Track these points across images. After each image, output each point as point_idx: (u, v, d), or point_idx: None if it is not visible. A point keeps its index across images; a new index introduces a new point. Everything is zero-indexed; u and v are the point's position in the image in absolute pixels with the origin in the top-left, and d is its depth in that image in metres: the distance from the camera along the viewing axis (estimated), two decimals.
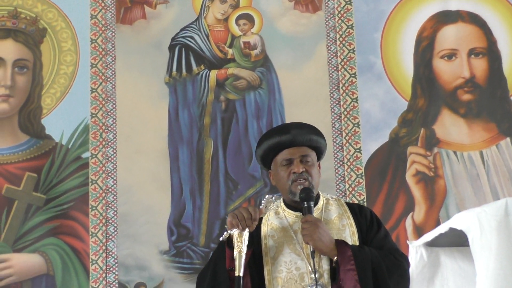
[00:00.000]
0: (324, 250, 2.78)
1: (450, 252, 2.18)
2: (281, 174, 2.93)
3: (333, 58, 5.06)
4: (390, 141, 4.98)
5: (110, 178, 4.97)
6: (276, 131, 3.02)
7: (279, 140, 2.95)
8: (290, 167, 2.91)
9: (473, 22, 5.08)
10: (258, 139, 4.79)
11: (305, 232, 2.78)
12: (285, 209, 3.00)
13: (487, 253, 1.80)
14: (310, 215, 2.82)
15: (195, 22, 5.23)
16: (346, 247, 2.78)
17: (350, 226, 2.92)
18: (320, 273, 2.80)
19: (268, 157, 2.99)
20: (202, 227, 4.91)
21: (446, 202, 4.85)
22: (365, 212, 2.99)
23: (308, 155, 2.94)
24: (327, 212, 2.97)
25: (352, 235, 2.89)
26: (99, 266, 4.84)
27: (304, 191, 2.86)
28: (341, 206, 3.00)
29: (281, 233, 2.92)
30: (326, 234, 2.79)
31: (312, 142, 2.98)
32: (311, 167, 2.93)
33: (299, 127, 3.00)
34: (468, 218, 1.83)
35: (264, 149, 2.99)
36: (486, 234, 1.81)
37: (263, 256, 2.87)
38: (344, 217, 2.95)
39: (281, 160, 2.94)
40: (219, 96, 5.09)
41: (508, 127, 4.95)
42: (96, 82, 5.13)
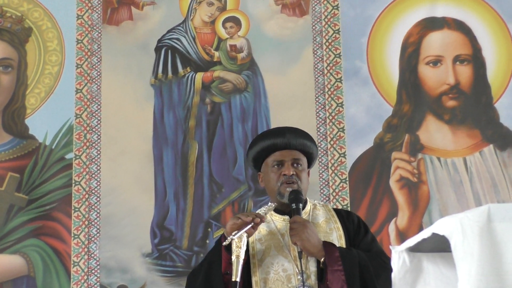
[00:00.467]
0: (311, 250, 2.80)
1: (432, 257, 2.17)
2: (271, 175, 2.95)
3: (319, 62, 5.07)
4: (375, 146, 4.99)
5: (94, 180, 4.95)
6: (270, 133, 3.04)
7: (273, 142, 2.97)
8: (281, 169, 2.93)
9: (459, 29, 5.10)
10: (244, 141, 4.78)
11: (293, 232, 2.79)
12: (273, 214, 3.00)
13: (469, 258, 1.80)
14: (298, 216, 2.83)
15: (182, 24, 5.22)
16: (333, 248, 2.80)
17: (337, 230, 2.94)
18: (307, 274, 2.81)
19: (260, 158, 3.01)
20: (186, 230, 4.90)
21: (429, 208, 4.86)
22: (352, 217, 3.01)
23: (300, 159, 2.96)
24: (314, 216, 2.98)
25: (339, 238, 2.91)
26: (80, 268, 4.81)
27: (293, 193, 2.88)
28: (328, 211, 3.02)
29: (268, 237, 2.93)
30: (314, 234, 2.81)
31: (305, 147, 3.00)
32: (301, 171, 2.95)
33: (294, 131, 3.03)
34: (450, 223, 1.83)
35: (258, 150, 3.01)
36: (468, 239, 1.81)
37: (250, 259, 2.88)
38: (331, 221, 2.97)
39: (272, 161, 2.96)
40: (204, 98, 5.08)
41: (492, 134, 4.98)
42: (81, 83, 5.11)
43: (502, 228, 1.84)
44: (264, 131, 3.13)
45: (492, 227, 1.84)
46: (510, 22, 5.10)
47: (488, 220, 1.84)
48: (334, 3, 5.17)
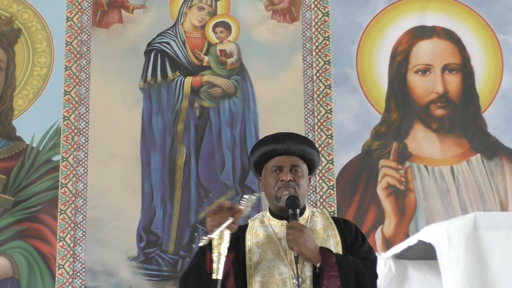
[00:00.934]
0: (308, 255, 2.80)
1: (418, 265, 2.17)
2: (269, 180, 2.97)
3: (309, 68, 5.08)
4: (363, 153, 5.00)
5: (81, 182, 4.93)
6: (271, 138, 3.06)
7: (273, 147, 2.99)
8: (279, 174, 2.95)
9: (448, 38, 5.13)
10: (232, 146, 4.79)
11: (290, 237, 2.80)
12: (271, 218, 3.02)
13: (454, 266, 1.80)
14: (295, 221, 2.84)
15: (172, 28, 5.21)
16: (330, 254, 2.81)
17: (335, 237, 2.95)
18: (302, 278, 2.82)
19: (260, 163, 3.03)
20: (172, 234, 4.89)
21: (416, 216, 4.87)
22: (350, 226, 3.03)
23: (298, 165, 2.97)
24: (312, 222, 3.00)
25: (336, 245, 2.92)
26: (65, 270, 4.79)
27: (291, 198, 2.89)
28: (326, 219, 3.04)
29: (265, 240, 2.94)
30: (311, 240, 2.82)
31: (305, 153, 3.01)
32: (300, 177, 2.96)
33: (294, 138, 3.05)
34: (437, 231, 1.83)
35: (258, 155, 3.03)
36: (454, 247, 1.81)
37: (246, 261, 2.88)
38: (329, 228, 2.98)
39: (271, 166, 2.98)
40: (193, 103, 5.07)
41: (479, 143, 4.99)
42: (70, 85, 5.09)
43: (488, 236, 1.85)
44: (265, 137, 3.12)
45: (478, 235, 1.84)
46: (499, 32, 5.13)
47: (474, 228, 1.84)
48: (325, 10, 5.18)
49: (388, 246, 4.70)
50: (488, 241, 1.84)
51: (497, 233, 1.85)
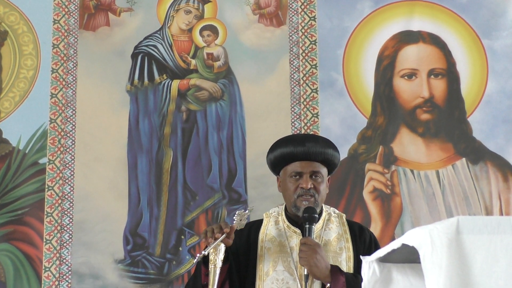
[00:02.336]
0: (318, 276, 2.80)
1: (402, 268, 2.19)
2: (288, 185, 2.93)
3: (296, 72, 5.10)
4: (349, 157, 5.01)
5: (67, 185, 4.92)
6: (291, 140, 3.00)
7: (293, 150, 2.94)
8: (299, 180, 2.91)
9: (434, 43, 5.16)
10: (219, 150, 4.81)
11: (302, 255, 2.78)
12: (285, 221, 2.98)
13: (437, 269, 1.82)
14: (309, 238, 2.81)
15: (159, 32, 5.22)
16: (340, 275, 2.80)
17: (347, 251, 2.93)
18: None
19: (279, 164, 2.98)
20: (159, 237, 4.89)
21: (401, 219, 4.90)
22: (364, 236, 3.00)
23: (319, 171, 2.93)
24: (327, 231, 2.96)
25: (348, 260, 2.91)
26: (52, 273, 4.78)
27: (307, 211, 2.85)
28: (342, 225, 3.00)
29: (277, 248, 2.92)
30: (323, 260, 2.79)
31: (325, 156, 2.96)
32: (320, 184, 2.92)
33: (314, 141, 3.00)
34: (420, 234, 1.84)
35: (276, 156, 2.98)
36: (437, 251, 1.83)
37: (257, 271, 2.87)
38: (343, 239, 2.95)
39: (291, 171, 2.93)
40: (180, 106, 5.08)
41: (464, 147, 5.03)
42: (57, 88, 5.08)
43: (470, 240, 1.86)
44: (285, 137, 3.09)
45: (461, 239, 1.86)
46: (484, 38, 5.17)
47: (457, 232, 1.86)
48: (311, 14, 5.20)
49: None
50: (471, 244, 1.86)
51: (479, 237, 1.86)
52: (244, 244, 2.92)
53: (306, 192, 2.88)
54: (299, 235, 2.89)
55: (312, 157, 2.93)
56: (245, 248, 2.92)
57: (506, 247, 1.85)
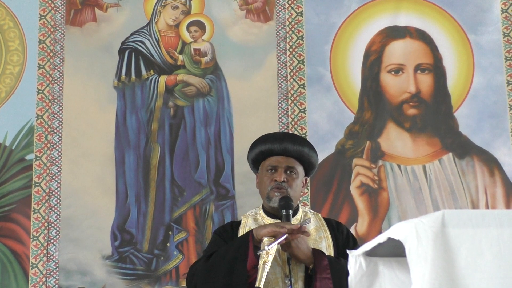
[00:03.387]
0: (301, 257, 2.83)
1: (388, 262, 2.20)
2: (263, 179, 3.00)
3: (283, 68, 5.10)
4: (336, 152, 5.03)
5: (54, 181, 4.91)
6: (269, 137, 3.08)
7: (271, 147, 3.01)
8: (274, 174, 2.96)
9: (421, 38, 5.17)
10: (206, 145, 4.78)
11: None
12: (264, 216, 3.03)
13: (423, 263, 1.83)
14: (288, 223, 2.85)
15: (146, 27, 5.21)
16: (323, 256, 2.84)
17: (327, 239, 2.98)
18: (295, 279, 2.84)
19: (257, 161, 3.04)
20: (146, 233, 4.88)
21: (388, 214, 4.92)
22: (342, 228, 3.07)
23: (294, 167, 2.99)
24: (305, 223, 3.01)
25: (328, 247, 2.95)
26: (39, 270, 4.76)
27: (284, 199, 2.91)
28: (318, 220, 3.07)
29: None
30: (304, 242, 2.84)
31: (302, 154, 3.02)
32: (294, 179, 2.98)
33: (293, 138, 3.09)
34: (405, 228, 1.86)
35: (256, 152, 3.05)
36: (422, 244, 1.84)
37: None
38: (321, 230, 3.01)
39: (267, 165, 3.00)
40: (167, 102, 5.07)
41: (451, 142, 5.05)
42: (43, 84, 5.06)
43: (455, 233, 1.88)
44: (264, 135, 3.15)
45: (446, 232, 1.87)
46: (470, 33, 5.19)
47: (442, 225, 1.87)
48: (299, 9, 5.20)
49: (361, 244, 4.71)
50: (456, 238, 1.87)
51: (464, 231, 1.88)
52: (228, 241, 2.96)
53: (279, 184, 2.93)
54: None
55: (288, 152, 2.99)
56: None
57: (491, 240, 1.87)
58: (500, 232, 1.88)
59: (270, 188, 2.96)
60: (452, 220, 1.88)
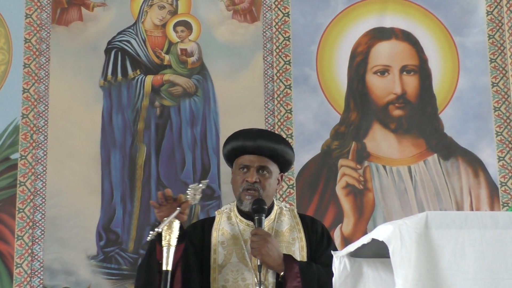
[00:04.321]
0: (271, 265, 2.81)
1: (372, 263, 2.21)
2: (236, 178, 2.98)
3: (269, 68, 5.11)
4: (322, 153, 5.04)
5: (39, 181, 4.89)
6: (243, 134, 3.03)
7: (243, 144, 2.97)
8: (246, 174, 2.94)
9: (406, 40, 5.20)
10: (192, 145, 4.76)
11: (254, 245, 2.80)
12: (237, 216, 3.01)
13: (406, 264, 1.84)
14: (260, 229, 2.84)
15: (132, 27, 5.20)
16: (293, 263, 2.82)
17: (300, 240, 2.95)
18: (265, 285, 2.83)
19: (231, 157, 3.02)
20: (132, 232, 4.88)
21: (374, 215, 4.93)
22: (316, 227, 3.03)
23: (266, 166, 2.96)
24: (279, 223, 2.99)
25: (301, 249, 2.93)
26: (23, 269, 4.75)
27: (257, 202, 2.88)
28: (293, 217, 3.03)
29: (231, 241, 2.93)
30: (275, 249, 2.82)
31: (276, 152, 2.98)
32: (266, 179, 2.95)
33: (265, 136, 3.02)
34: (389, 229, 1.87)
35: (229, 149, 3.02)
36: (406, 245, 1.85)
37: (211, 263, 2.88)
38: (295, 230, 2.98)
39: (239, 164, 2.98)
40: (154, 102, 5.07)
41: (436, 143, 5.07)
42: (29, 83, 5.05)
43: (439, 235, 1.89)
44: (238, 131, 3.11)
45: (429, 233, 1.88)
46: (456, 35, 5.22)
47: (426, 227, 1.89)
48: (285, 10, 5.21)
49: (346, 244, 4.71)
50: (439, 239, 1.88)
51: (447, 232, 1.89)
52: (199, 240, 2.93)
53: (251, 186, 2.91)
54: (251, 228, 2.91)
55: (261, 151, 2.95)
56: (200, 244, 2.93)
57: (474, 241, 1.89)
58: (483, 234, 1.89)
59: (242, 189, 2.93)
60: (435, 221, 1.90)
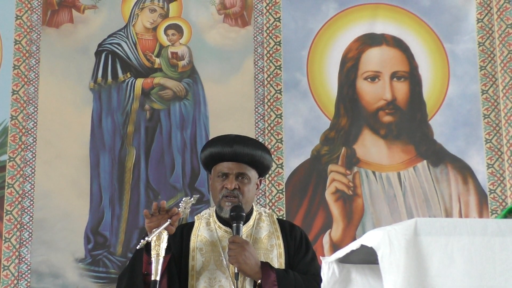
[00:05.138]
0: (248, 272, 2.82)
1: (361, 269, 2.21)
2: (215, 184, 2.97)
3: (260, 73, 5.11)
4: (312, 158, 5.04)
5: (28, 183, 4.87)
6: (220, 141, 3.03)
7: (221, 151, 2.97)
8: (225, 181, 2.94)
9: (397, 46, 5.21)
10: (182, 149, 4.74)
11: (231, 253, 2.81)
12: (216, 222, 3.01)
13: (395, 270, 1.84)
14: (237, 236, 2.84)
15: (123, 30, 5.19)
16: (270, 271, 2.82)
17: (278, 247, 2.96)
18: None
19: (209, 163, 3.02)
20: (120, 236, 4.86)
21: (363, 220, 4.94)
22: (295, 233, 3.03)
23: (245, 173, 2.96)
24: (257, 229, 2.99)
25: (279, 256, 2.93)
26: (10, 272, 4.72)
27: (235, 209, 2.88)
28: (272, 223, 3.03)
29: (209, 247, 2.94)
30: (252, 257, 2.82)
31: (254, 158, 2.98)
32: (245, 185, 2.95)
33: (243, 142, 3.01)
34: (378, 235, 1.87)
35: (206, 155, 3.02)
36: (395, 252, 1.85)
37: (189, 270, 2.88)
38: (274, 236, 2.99)
39: (218, 171, 2.97)
40: (144, 105, 5.06)
41: (425, 150, 5.08)
42: (18, 84, 5.03)
43: (428, 241, 1.89)
44: (215, 137, 3.12)
45: (419, 240, 1.88)
46: (446, 42, 5.23)
47: (415, 233, 1.89)
48: (276, 15, 5.22)
49: (335, 250, 4.72)
50: (428, 246, 1.88)
51: (436, 239, 1.89)
52: (177, 246, 2.93)
53: (230, 193, 2.91)
54: (230, 234, 2.91)
55: (239, 158, 2.95)
56: (179, 250, 2.93)
57: (462, 248, 1.88)
58: (472, 241, 1.89)
59: (222, 196, 2.93)
60: (424, 228, 1.90)
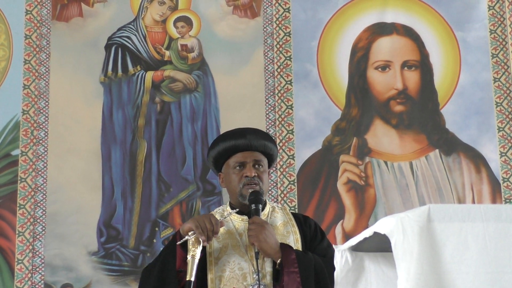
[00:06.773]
0: (268, 251, 2.83)
1: (374, 257, 2.21)
2: (232, 177, 2.97)
3: (270, 64, 5.10)
4: (323, 149, 5.03)
5: (40, 177, 4.88)
6: (231, 134, 3.05)
7: (235, 143, 2.99)
8: (243, 170, 2.95)
9: (407, 35, 5.18)
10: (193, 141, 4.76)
11: (251, 232, 2.83)
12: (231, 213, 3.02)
13: (408, 257, 1.83)
14: (257, 217, 2.86)
15: (132, 23, 5.19)
16: (290, 250, 2.85)
17: (294, 234, 2.98)
18: (263, 273, 2.85)
19: (221, 159, 3.02)
20: (133, 229, 4.87)
21: (375, 211, 4.93)
22: (309, 222, 3.06)
23: (261, 160, 2.99)
24: (272, 218, 3.01)
25: (296, 242, 2.95)
26: (25, 266, 4.74)
27: (254, 193, 2.90)
28: (286, 214, 3.07)
29: (226, 235, 2.95)
30: (272, 236, 2.85)
31: (266, 148, 3.03)
32: (263, 173, 2.98)
33: (255, 132, 3.05)
34: (391, 222, 1.86)
35: (219, 150, 3.01)
36: (408, 239, 1.84)
37: (207, 256, 2.89)
38: (289, 224, 3.01)
39: (234, 163, 2.98)
40: (154, 97, 5.06)
41: (437, 139, 5.06)
42: (29, 79, 5.04)
43: (441, 228, 1.88)
44: (225, 132, 3.12)
45: (432, 227, 1.87)
46: (457, 30, 5.20)
47: (428, 220, 1.88)
48: (286, 5, 5.20)
49: (348, 240, 4.73)
50: (442, 232, 1.87)
51: (450, 225, 1.88)
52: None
53: (251, 180, 2.92)
54: (246, 222, 2.92)
55: (254, 147, 2.98)
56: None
57: (477, 234, 1.87)
58: (486, 227, 1.88)
59: (242, 185, 2.94)
60: (438, 214, 1.89)
